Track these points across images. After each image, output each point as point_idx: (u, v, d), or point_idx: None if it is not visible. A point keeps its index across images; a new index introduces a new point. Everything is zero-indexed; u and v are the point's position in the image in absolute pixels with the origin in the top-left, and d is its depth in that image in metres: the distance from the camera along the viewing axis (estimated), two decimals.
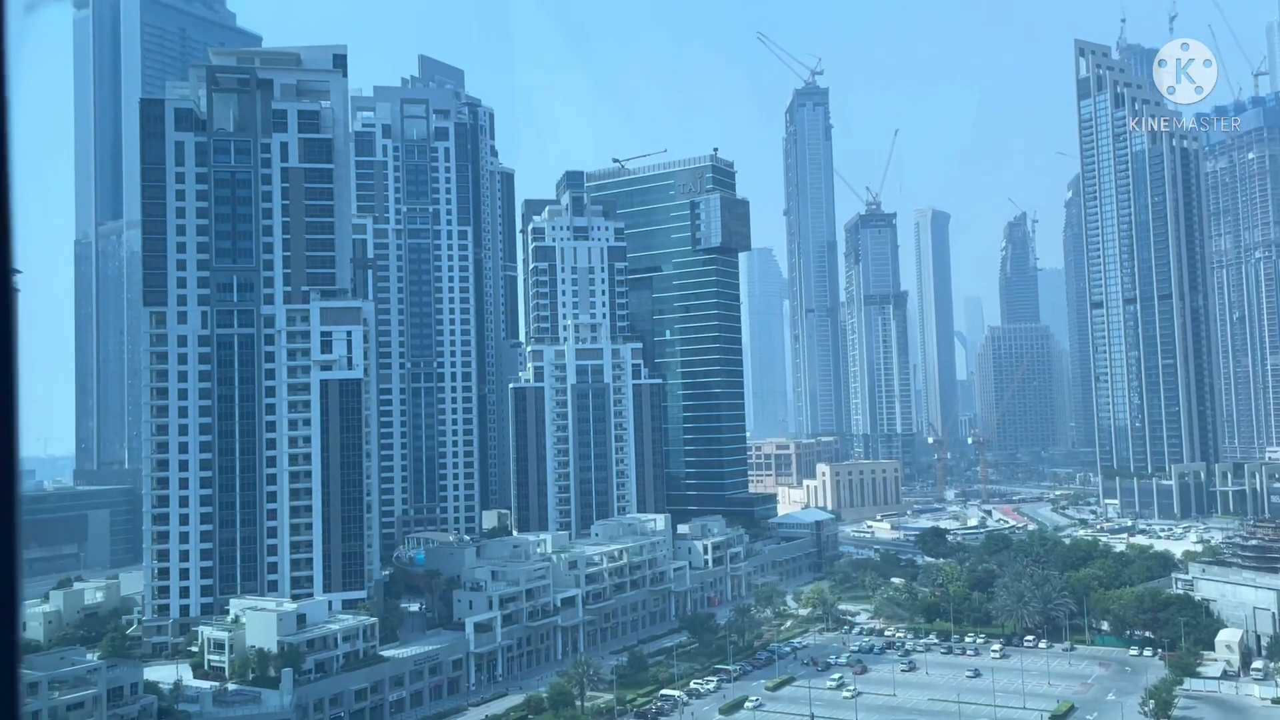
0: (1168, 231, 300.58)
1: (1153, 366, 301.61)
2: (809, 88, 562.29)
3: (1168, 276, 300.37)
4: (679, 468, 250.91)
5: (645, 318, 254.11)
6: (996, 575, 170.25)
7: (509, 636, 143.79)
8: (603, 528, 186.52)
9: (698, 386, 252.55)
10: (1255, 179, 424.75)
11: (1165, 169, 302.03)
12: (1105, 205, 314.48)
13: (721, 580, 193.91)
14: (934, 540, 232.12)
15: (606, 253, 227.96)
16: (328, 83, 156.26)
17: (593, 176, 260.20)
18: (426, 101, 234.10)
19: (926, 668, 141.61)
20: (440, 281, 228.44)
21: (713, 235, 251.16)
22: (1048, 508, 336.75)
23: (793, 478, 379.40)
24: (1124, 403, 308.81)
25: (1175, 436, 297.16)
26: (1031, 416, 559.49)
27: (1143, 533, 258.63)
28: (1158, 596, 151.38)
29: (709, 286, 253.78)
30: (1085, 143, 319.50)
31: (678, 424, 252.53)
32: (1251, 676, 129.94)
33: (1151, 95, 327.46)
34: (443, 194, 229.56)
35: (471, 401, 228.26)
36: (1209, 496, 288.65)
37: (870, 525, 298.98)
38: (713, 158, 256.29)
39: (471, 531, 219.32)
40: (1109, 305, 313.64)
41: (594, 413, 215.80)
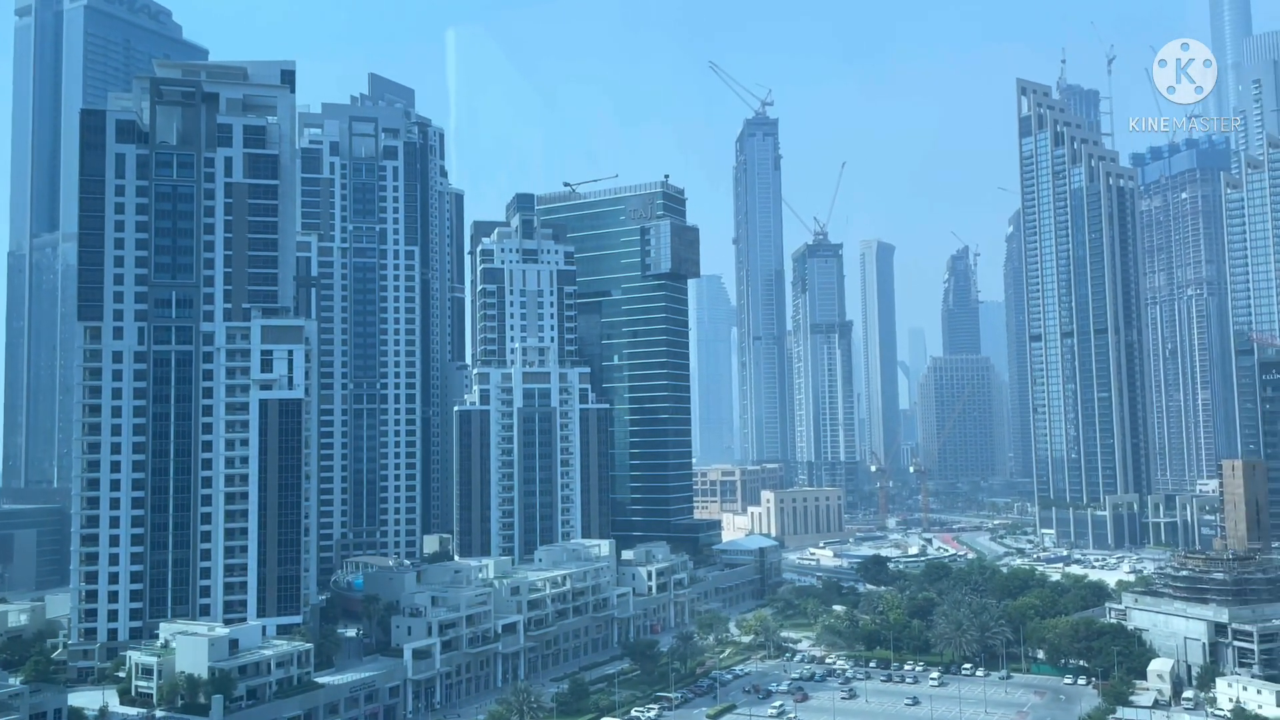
0: (1104, 267, 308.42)
1: (1089, 399, 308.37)
2: (759, 118, 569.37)
3: (1104, 311, 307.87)
4: (624, 493, 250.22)
5: (594, 342, 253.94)
6: (936, 603, 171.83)
7: (448, 663, 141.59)
8: (546, 553, 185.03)
9: (645, 412, 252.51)
10: (1188, 218, 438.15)
11: (1102, 206, 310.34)
12: (1045, 240, 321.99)
13: (665, 607, 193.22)
14: (875, 568, 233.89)
15: (556, 276, 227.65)
16: (275, 98, 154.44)
17: (543, 199, 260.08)
18: (376, 120, 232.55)
19: (866, 695, 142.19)
20: (386, 302, 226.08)
21: (662, 261, 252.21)
22: (986, 536, 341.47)
23: (738, 504, 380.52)
24: (1061, 434, 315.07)
25: (1110, 468, 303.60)
26: (972, 446, 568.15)
27: (1078, 562, 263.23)
28: (1092, 626, 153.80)
29: (658, 312, 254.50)
30: (1026, 179, 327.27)
31: (624, 449, 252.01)
32: (1182, 706, 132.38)
33: (1090, 135, 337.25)
34: (390, 213, 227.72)
35: (415, 424, 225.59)
36: (1142, 527, 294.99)
37: (813, 552, 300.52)
38: (664, 184, 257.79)
39: (412, 556, 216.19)
40: (1047, 338, 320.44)
41: (540, 437, 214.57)
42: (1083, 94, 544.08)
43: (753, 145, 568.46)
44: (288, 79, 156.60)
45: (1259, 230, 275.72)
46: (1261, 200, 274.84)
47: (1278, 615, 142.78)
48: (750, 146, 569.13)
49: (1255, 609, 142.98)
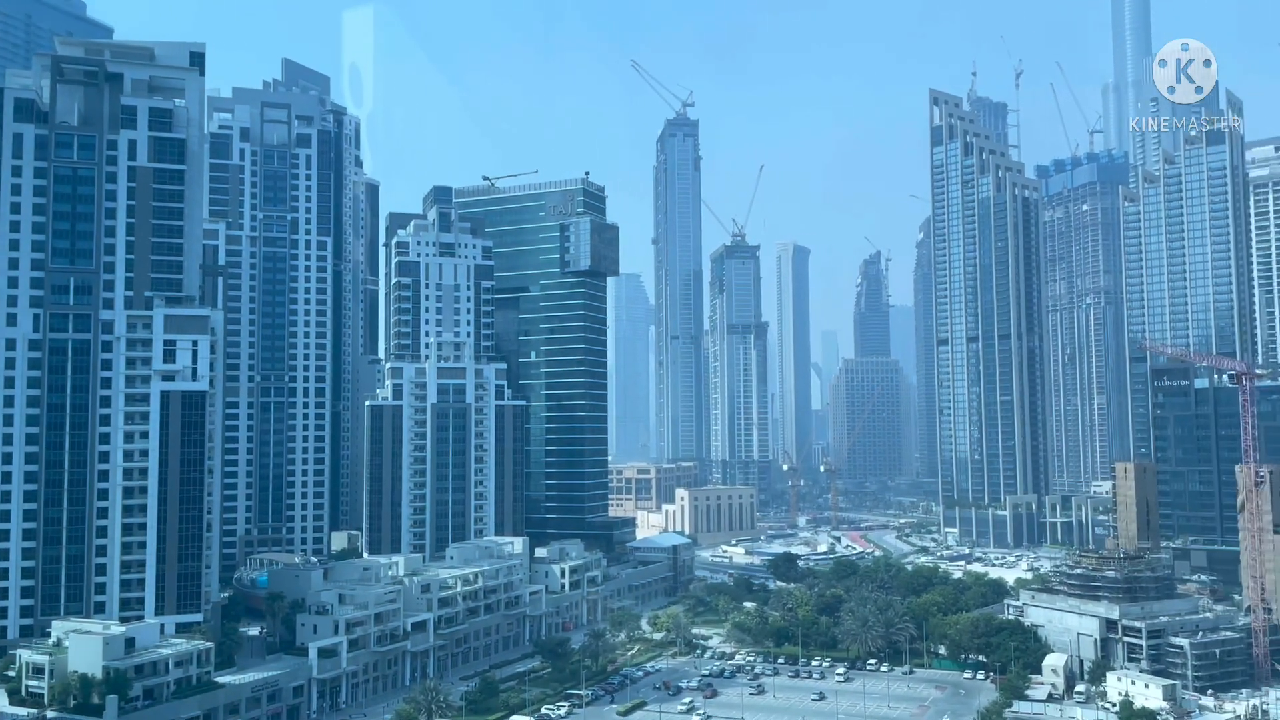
0: (1009, 275, 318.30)
1: (991, 402, 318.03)
2: (680, 118, 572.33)
3: (1007, 317, 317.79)
4: (539, 490, 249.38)
5: (511, 338, 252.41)
6: (843, 600, 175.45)
7: (355, 662, 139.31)
8: (459, 550, 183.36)
9: (562, 409, 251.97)
10: (1088, 229, 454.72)
11: (1008, 216, 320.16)
12: (953, 247, 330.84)
13: (578, 604, 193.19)
14: (785, 565, 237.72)
15: (473, 271, 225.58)
16: (183, 80, 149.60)
17: (461, 193, 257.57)
18: (289, 106, 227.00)
19: (774, 691, 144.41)
20: (296, 293, 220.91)
21: (582, 258, 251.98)
22: (893, 535, 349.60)
23: (652, 502, 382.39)
24: (965, 436, 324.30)
25: (1011, 469, 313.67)
26: (880, 447, 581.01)
27: (979, 560, 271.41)
28: (991, 622, 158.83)
29: (576, 309, 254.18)
30: (936, 188, 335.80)
31: (540, 446, 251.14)
32: (1075, 700, 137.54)
33: (998, 146, 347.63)
34: (302, 202, 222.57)
35: (324, 418, 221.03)
36: (1040, 527, 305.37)
37: (726, 550, 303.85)
38: (584, 181, 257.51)
39: (319, 553, 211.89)
40: (954, 342, 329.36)
41: (454, 433, 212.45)
42: (992, 106, 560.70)
43: (673, 145, 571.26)
44: (197, 61, 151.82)
45: (1153, 242, 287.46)
46: (1156, 214, 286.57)
47: (1165, 612, 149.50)
48: (671, 146, 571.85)
49: (1144, 606, 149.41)
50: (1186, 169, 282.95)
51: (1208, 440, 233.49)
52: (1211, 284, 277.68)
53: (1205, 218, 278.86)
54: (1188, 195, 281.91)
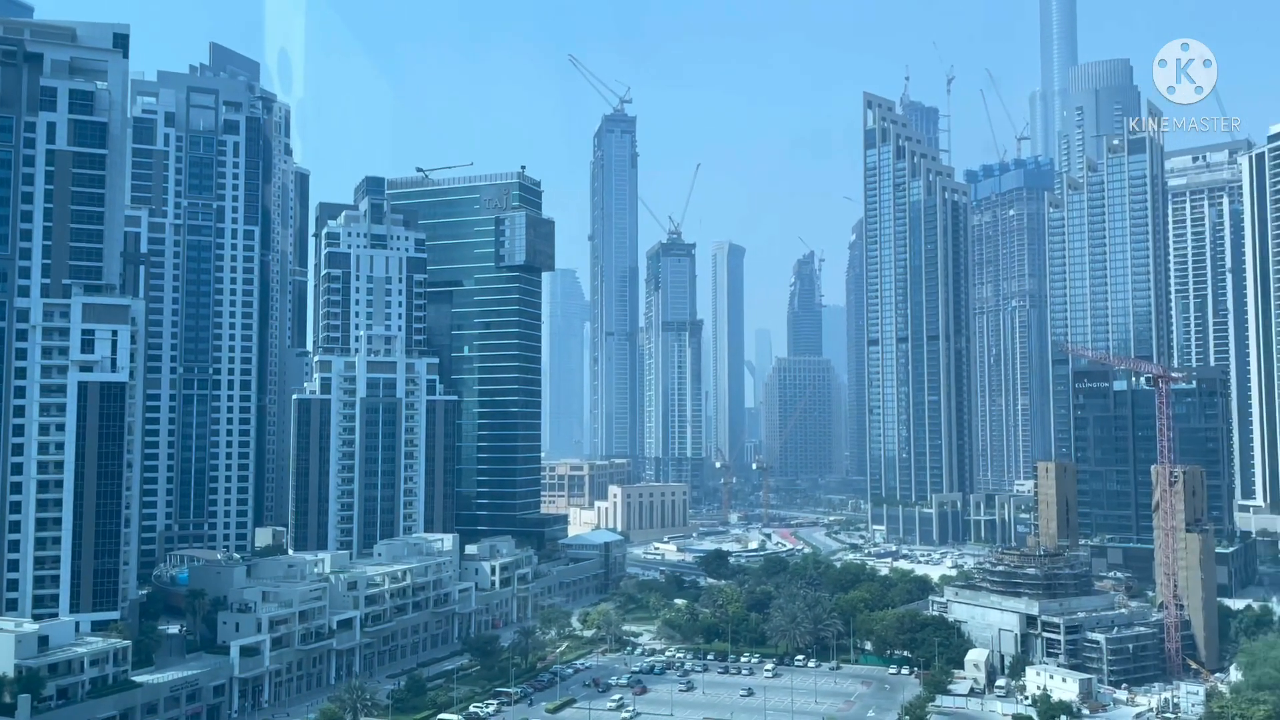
0: (938, 277, 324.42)
1: (920, 402, 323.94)
2: (617, 114, 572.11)
3: (936, 319, 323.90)
4: (471, 487, 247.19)
5: (443, 332, 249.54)
6: (773, 597, 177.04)
7: (278, 661, 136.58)
8: (386, 548, 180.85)
9: (495, 405, 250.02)
10: (1015, 234, 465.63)
11: (938, 219, 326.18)
12: (884, 249, 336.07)
13: (508, 602, 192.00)
14: (717, 562, 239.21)
15: (405, 263, 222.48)
16: (106, 62, 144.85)
17: (394, 184, 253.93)
18: (216, 91, 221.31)
19: (704, 687, 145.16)
20: (221, 283, 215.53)
21: (517, 253, 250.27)
22: (822, 532, 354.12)
23: (585, 499, 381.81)
24: (893, 435, 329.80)
25: (937, 468, 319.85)
26: (811, 445, 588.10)
27: (905, 557, 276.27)
28: (916, 618, 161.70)
29: (511, 304, 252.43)
30: (869, 190, 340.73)
31: (472, 442, 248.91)
32: (995, 694, 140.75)
33: (929, 150, 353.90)
34: (229, 190, 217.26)
35: (249, 412, 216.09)
36: (964, 524, 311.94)
37: (658, 547, 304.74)
38: (520, 175, 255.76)
39: (243, 550, 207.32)
40: (884, 343, 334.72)
41: (384, 428, 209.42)
42: (924, 111, 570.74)
43: (611, 141, 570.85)
44: (120, 43, 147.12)
45: (1076, 248, 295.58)
46: (1080, 220, 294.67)
47: (1082, 608, 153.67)
48: (608, 143, 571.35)
49: (1062, 602, 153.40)
50: (1109, 177, 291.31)
51: (1125, 441, 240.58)
52: (1131, 289, 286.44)
53: (1126, 225, 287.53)
54: (1109, 203, 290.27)
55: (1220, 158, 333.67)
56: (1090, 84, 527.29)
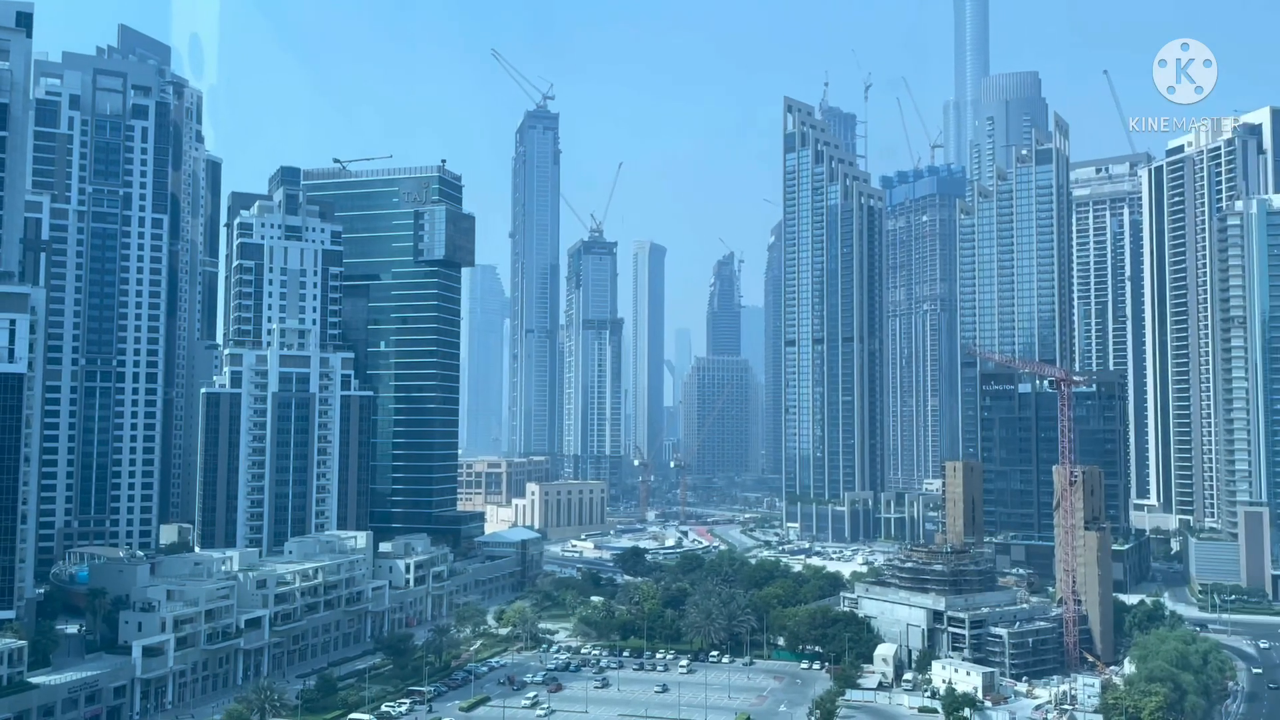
0: (853, 280, 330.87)
1: (834, 402, 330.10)
2: (540, 111, 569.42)
3: (851, 321, 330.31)
4: (386, 484, 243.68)
5: (359, 327, 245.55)
6: (689, 593, 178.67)
7: (183, 661, 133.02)
8: (298, 545, 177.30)
9: (411, 401, 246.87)
10: (927, 239, 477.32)
11: (854, 224, 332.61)
12: (802, 252, 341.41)
13: (422, 600, 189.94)
14: (633, 559, 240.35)
15: (321, 255, 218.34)
16: (8, 41, 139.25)
17: (311, 175, 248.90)
18: (125, 75, 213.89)
19: (619, 684, 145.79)
20: (128, 272, 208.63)
21: (436, 247, 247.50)
22: (738, 529, 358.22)
23: (502, 496, 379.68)
24: (808, 434, 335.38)
25: (850, 466, 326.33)
26: (729, 444, 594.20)
27: (818, 554, 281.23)
28: (827, 614, 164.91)
29: (429, 299, 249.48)
30: (788, 193, 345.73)
31: (387, 438, 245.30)
32: (902, 687, 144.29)
33: (847, 156, 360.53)
34: (137, 177, 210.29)
35: (155, 405, 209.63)
36: (875, 522, 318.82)
37: (575, 544, 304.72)
38: (440, 169, 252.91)
39: (147, 547, 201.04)
40: (800, 343, 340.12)
41: (296, 423, 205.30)
42: (842, 117, 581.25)
43: (533, 138, 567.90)
44: (24, 22, 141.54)
45: (985, 254, 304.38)
46: (989, 227, 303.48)
47: (986, 604, 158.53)
48: (530, 139, 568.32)
49: (968, 598, 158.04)
50: (1017, 186, 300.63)
51: (1029, 441, 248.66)
52: (1036, 295, 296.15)
53: (1033, 232, 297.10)
54: (1018, 211, 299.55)
55: (1122, 170, 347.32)
56: (1001, 95, 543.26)
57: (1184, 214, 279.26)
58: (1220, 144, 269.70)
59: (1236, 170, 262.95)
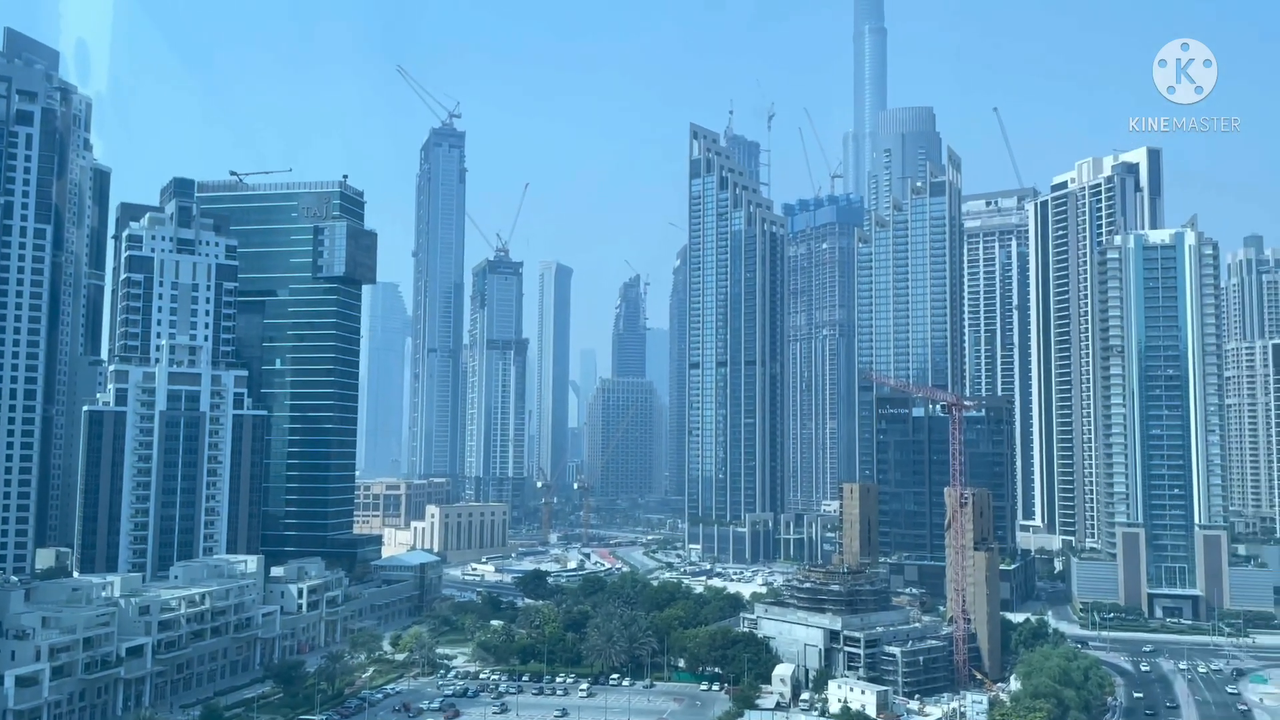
0: (756, 304, 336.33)
1: (737, 424, 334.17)
2: (446, 128, 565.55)
3: (754, 344, 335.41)
4: (279, 506, 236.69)
5: (254, 344, 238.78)
6: (590, 616, 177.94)
7: (59, 691, 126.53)
8: (184, 570, 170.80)
9: (307, 420, 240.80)
10: (828, 266, 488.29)
11: (757, 249, 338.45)
12: (706, 276, 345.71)
13: (315, 626, 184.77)
14: (535, 582, 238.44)
15: (214, 270, 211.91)
16: None
17: (205, 187, 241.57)
18: (10, 79, 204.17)
19: (518, 709, 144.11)
20: (6, 284, 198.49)
21: (336, 264, 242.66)
22: (640, 551, 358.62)
23: (401, 519, 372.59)
24: (711, 456, 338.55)
25: (751, 488, 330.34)
26: (633, 465, 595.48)
27: (719, 575, 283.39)
28: (727, 635, 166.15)
29: (328, 317, 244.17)
30: (694, 218, 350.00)
31: (281, 459, 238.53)
32: (800, 707, 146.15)
33: (751, 183, 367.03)
34: (19, 184, 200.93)
35: (34, 423, 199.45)
36: (775, 543, 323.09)
37: (476, 568, 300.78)
38: (342, 184, 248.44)
39: (21, 572, 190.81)
40: (704, 366, 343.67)
41: (185, 444, 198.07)
42: (746, 145, 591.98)
43: (438, 155, 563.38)
44: None
45: (882, 282, 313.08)
46: (885, 255, 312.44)
47: (881, 623, 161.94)
48: (436, 156, 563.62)
49: (863, 617, 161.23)
50: (912, 216, 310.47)
51: (922, 464, 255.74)
52: (929, 322, 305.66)
53: (926, 262, 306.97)
54: (912, 240, 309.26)
55: (1010, 204, 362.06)
56: (897, 129, 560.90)
57: (1067, 247, 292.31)
58: (1100, 181, 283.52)
59: (1116, 206, 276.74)
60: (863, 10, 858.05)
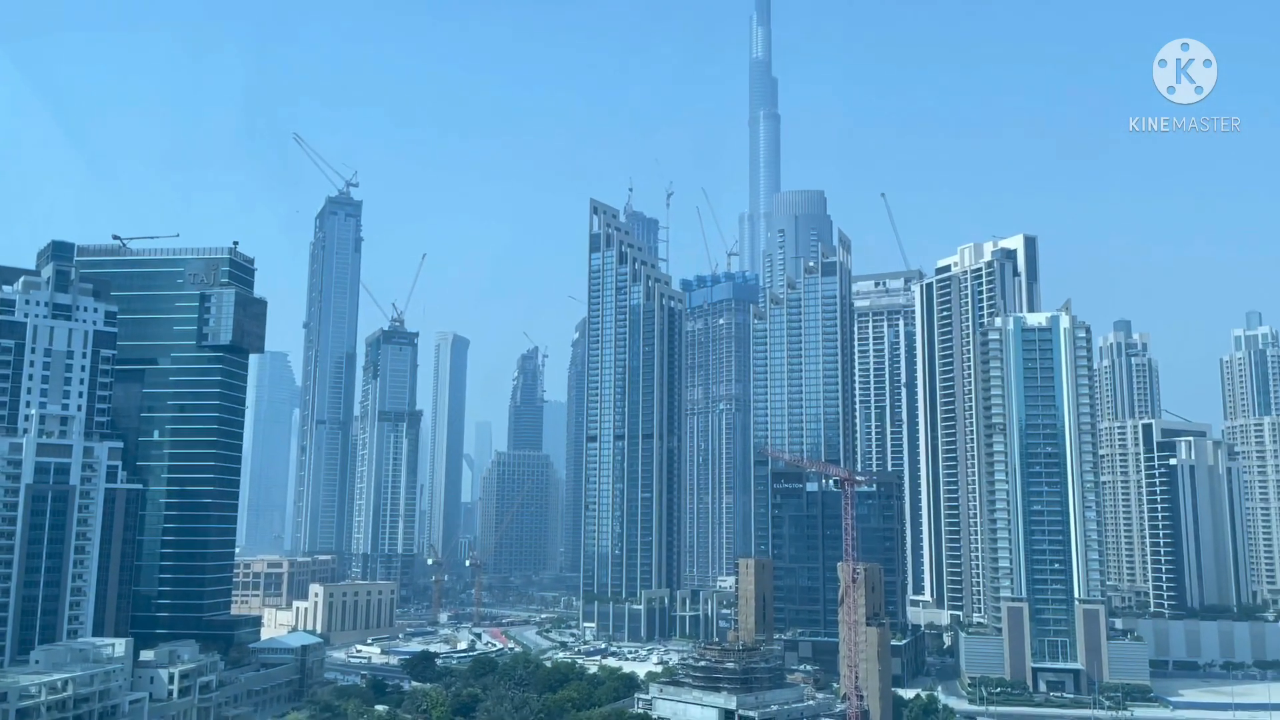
0: (654, 378, 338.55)
1: (633, 499, 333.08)
2: (343, 196, 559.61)
3: (651, 418, 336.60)
4: (152, 585, 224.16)
5: (132, 414, 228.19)
6: (480, 699, 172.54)
7: None
8: (45, 654, 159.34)
9: (186, 495, 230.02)
10: (724, 341, 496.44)
11: (655, 324, 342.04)
12: (605, 349, 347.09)
13: (188, 712, 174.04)
14: (423, 665, 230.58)
15: (92, 337, 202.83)
16: None
17: (86, 251, 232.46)
18: None
19: None
20: None
21: (223, 332, 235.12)
22: (534, 630, 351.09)
23: (283, 598, 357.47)
24: (608, 531, 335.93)
25: (647, 564, 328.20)
26: (528, 541, 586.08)
27: (614, 654, 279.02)
28: (622, 716, 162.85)
29: (212, 387, 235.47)
30: (593, 291, 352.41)
31: (156, 536, 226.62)
32: None
33: (650, 258, 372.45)
34: None
35: None
36: (671, 620, 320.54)
37: (361, 649, 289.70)
38: (232, 251, 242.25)
39: None
40: (602, 439, 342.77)
41: (52, 519, 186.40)
42: (645, 221, 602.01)
43: (334, 224, 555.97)
44: None
45: (776, 357, 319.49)
46: (780, 331, 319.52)
47: (776, 701, 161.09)
48: (331, 225, 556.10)
49: (759, 696, 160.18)
50: (805, 295, 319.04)
51: (816, 539, 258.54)
52: (822, 397, 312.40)
53: (819, 339, 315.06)
54: (805, 318, 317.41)
55: (898, 284, 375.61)
56: (791, 210, 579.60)
57: (951, 328, 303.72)
58: (981, 266, 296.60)
59: (996, 290, 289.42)
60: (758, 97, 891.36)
